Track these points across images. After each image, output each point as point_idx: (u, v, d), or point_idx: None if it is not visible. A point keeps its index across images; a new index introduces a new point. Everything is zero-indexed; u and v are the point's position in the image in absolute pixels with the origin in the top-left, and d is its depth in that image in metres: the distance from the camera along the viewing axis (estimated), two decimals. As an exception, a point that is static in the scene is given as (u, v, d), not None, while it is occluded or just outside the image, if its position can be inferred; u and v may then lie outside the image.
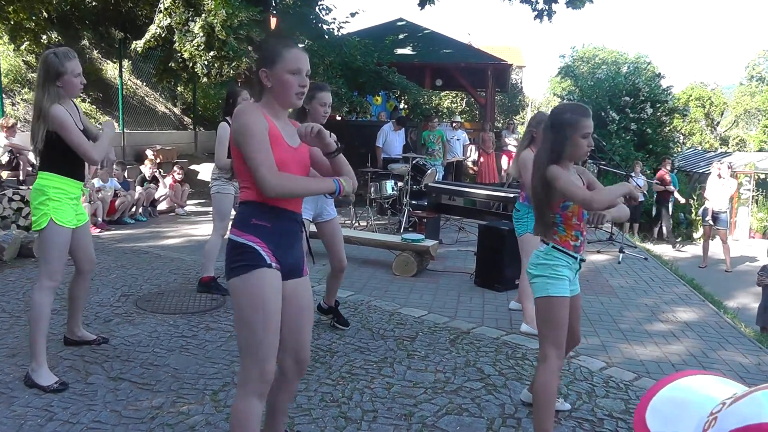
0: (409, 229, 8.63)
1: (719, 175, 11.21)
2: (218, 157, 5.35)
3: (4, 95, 10.42)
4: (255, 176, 2.30)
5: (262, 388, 2.40)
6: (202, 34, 9.06)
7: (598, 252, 8.65)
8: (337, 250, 4.65)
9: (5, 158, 9.03)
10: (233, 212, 5.59)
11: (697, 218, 16.20)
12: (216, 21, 8.89)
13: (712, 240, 11.53)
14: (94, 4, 11.74)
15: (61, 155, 3.66)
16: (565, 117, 2.98)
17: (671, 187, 14.00)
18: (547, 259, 3.02)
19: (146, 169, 10.90)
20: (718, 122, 39.42)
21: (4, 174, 8.92)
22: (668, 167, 14.85)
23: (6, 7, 10.00)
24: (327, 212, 4.59)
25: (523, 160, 4.53)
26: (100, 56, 15.76)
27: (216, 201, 5.61)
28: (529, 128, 4.78)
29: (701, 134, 37.60)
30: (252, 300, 2.35)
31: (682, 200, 14.40)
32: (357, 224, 9.48)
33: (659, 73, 19.15)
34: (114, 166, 10.00)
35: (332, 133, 2.60)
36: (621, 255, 8.23)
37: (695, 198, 17.02)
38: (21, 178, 9.16)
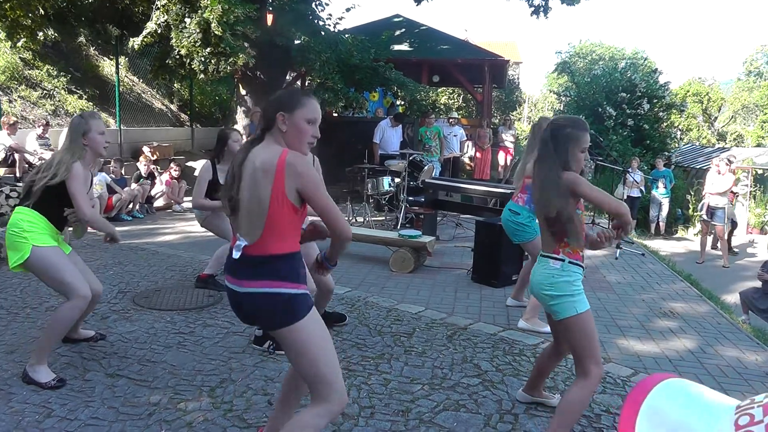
0: (406, 225, 8.63)
1: (719, 172, 11.19)
2: (197, 193, 5.36)
3: (1, 92, 10.38)
4: (336, 222, 2.43)
5: (339, 410, 2.47)
6: (198, 30, 9.04)
7: (596, 248, 8.64)
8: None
9: (1, 155, 9.02)
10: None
11: (695, 214, 16.23)
12: (212, 17, 8.87)
13: (709, 236, 11.52)
14: (90, 0, 11.68)
15: (53, 200, 3.70)
16: (567, 131, 2.98)
17: (737, 188, 13.75)
18: (565, 275, 2.97)
19: (143, 165, 10.89)
20: (716, 118, 39.46)
21: (1, 171, 8.91)
22: (661, 164, 14.82)
23: (3, 4, 9.96)
24: None
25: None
26: (96, 53, 15.72)
27: (210, 224, 5.59)
28: (538, 135, 4.74)
29: (699, 130, 37.64)
30: (320, 332, 2.45)
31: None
32: (354, 220, 9.48)
33: (656, 69, 19.16)
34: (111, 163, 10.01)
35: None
36: (618, 251, 8.23)
37: (692, 194, 17.04)
38: (18, 175, 9.14)
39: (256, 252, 2.41)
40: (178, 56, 9.67)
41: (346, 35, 12.52)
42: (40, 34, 10.87)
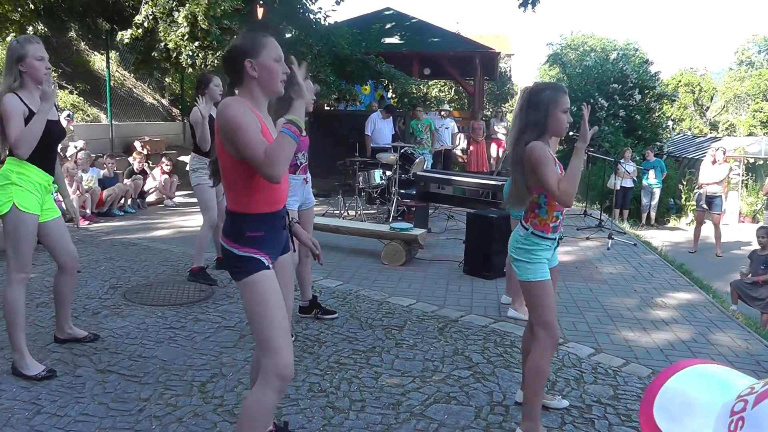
0: (398, 218, 8.63)
1: (714, 161, 11.24)
2: (204, 137, 5.40)
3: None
4: (257, 167, 2.31)
5: (279, 383, 2.44)
6: (185, 24, 8.98)
7: (587, 239, 8.67)
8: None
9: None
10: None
11: (688, 204, 16.28)
12: (198, 11, 8.81)
13: (703, 225, 11.54)
14: (80, -6, 11.63)
15: None
16: (546, 93, 3.03)
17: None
18: (527, 244, 3.06)
19: (134, 161, 10.85)
20: (708, 108, 39.55)
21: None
22: (651, 155, 14.85)
23: (-9, -1, 9.91)
24: (309, 200, 4.64)
25: None
26: (87, 48, 15.63)
27: (198, 193, 5.66)
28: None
29: (691, 120, 37.75)
30: (256, 298, 2.44)
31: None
32: (346, 214, 9.47)
33: (647, 60, 19.19)
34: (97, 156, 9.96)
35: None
36: (610, 241, 8.25)
37: (684, 183, 17.08)
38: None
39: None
40: (164, 49, 9.61)
41: (338, 27, 12.47)
42: (30, 28, 10.79)
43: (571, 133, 3.12)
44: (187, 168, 5.76)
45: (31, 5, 10.44)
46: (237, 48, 2.49)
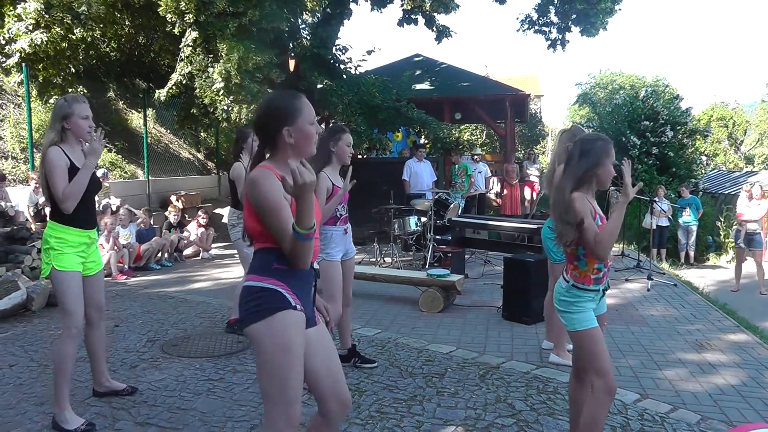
0: (435, 264, 8.58)
1: (750, 197, 11.00)
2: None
3: (34, 149, 10.67)
4: (282, 242, 2.26)
5: None
6: (220, 79, 9.19)
7: (627, 280, 8.52)
8: (348, 285, 4.75)
9: (32, 210, 9.20)
10: None
11: (727, 241, 15.93)
12: (231, 66, 9.02)
13: (745, 262, 11.24)
14: (118, 56, 12.05)
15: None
16: (599, 144, 3.06)
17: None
18: (568, 296, 3.06)
19: (171, 215, 11.04)
20: (742, 141, 39.02)
21: (33, 226, 9.07)
22: (686, 192, 14.56)
23: (35, 64, 10.30)
24: (351, 250, 4.70)
25: None
26: (125, 107, 16.10)
27: (240, 247, 5.68)
28: (564, 144, 4.56)
29: (725, 155, 37.25)
30: (278, 342, 2.26)
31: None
32: (382, 261, 9.46)
33: (677, 95, 19.01)
34: (136, 211, 10.16)
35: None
36: (649, 282, 8.09)
37: (722, 220, 16.75)
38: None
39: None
40: (202, 105, 9.83)
41: (368, 76, 12.68)
42: (71, 91, 11.18)
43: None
44: (225, 220, 5.83)
45: (72, 69, 10.83)
46: (273, 114, 2.40)
